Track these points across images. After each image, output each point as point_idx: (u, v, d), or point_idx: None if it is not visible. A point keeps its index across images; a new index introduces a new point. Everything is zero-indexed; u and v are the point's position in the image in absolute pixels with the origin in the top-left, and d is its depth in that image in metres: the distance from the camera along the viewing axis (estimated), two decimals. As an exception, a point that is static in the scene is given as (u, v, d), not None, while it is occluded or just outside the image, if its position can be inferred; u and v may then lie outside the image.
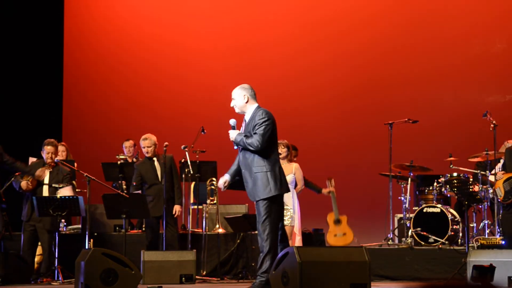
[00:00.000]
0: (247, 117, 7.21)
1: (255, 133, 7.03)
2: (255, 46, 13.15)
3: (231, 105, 7.25)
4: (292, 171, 9.41)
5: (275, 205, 7.06)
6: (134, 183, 9.69)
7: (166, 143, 9.46)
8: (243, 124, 7.26)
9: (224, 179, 7.28)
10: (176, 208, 9.54)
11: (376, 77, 12.81)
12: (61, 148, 10.38)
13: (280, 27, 13.12)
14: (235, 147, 7.20)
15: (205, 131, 9.63)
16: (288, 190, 7.24)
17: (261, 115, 7.09)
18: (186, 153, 9.60)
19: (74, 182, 10.57)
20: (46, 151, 9.44)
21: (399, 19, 12.85)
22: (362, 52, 12.86)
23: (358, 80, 12.84)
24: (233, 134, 7.13)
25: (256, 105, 7.21)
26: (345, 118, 12.79)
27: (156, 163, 9.64)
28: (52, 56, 13.10)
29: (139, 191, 9.61)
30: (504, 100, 12.52)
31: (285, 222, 9.27)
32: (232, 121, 7.20)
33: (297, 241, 9.35)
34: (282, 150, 9.37)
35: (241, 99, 7.19)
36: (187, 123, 11.99)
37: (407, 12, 12.87)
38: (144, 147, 9.68)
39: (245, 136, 7.06)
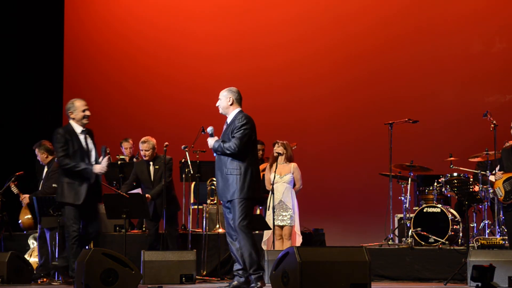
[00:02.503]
0: (228, 120, 7.37)
1: (233, 137, 7.18)
2: (255, 47, 13.16)
3: (216, 104, 7.42)
4: (290, 171, 9.42)
5: (249, 205, 7.23)
6: (126, 182, 9.78)
7: (166, 143, 9.47)
8: (224, 127, 7.39)
9: None
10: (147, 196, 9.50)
11: (376, 77, 12.82)
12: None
13: (279, 31, 13.13)
14: (214, 154, 7.34)
15: (205, 131, 9.62)
16: (258, 195, 7.39)
17: (240, 119, 7.23)
18: (186, 153, 9.60)
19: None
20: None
21: (399, 20, 12.86)
22: (362, 53, 12.87)
23: (358, 80, 12.85)
24: (211, 142, 7.29)
25: (239, 109, 7.36)
26: (345, 118, 12.80)
27: (151, 167, 9.67)
28: (52, 55, 13.11)
29: (138, 189, 9.63)
30: (504, 100, 12.52)
31: (285, 223, 9.31)
32: (210, 129, 7.37)
33: (298, 241, 9.35)
34: (280, 150, 9.40)
35: (225, 101, 7.36)
36: (187, 123, 11.99)
37: (408, 12, 12.88)
38: (142, 150, 9.70)
39: (222, 141, 7.21)
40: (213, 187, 10.06)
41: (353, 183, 12.47)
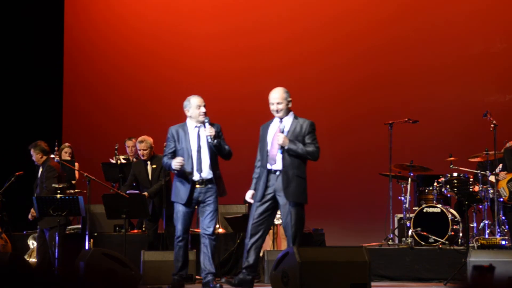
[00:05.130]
0: (287, 123, 7.22)
1: (311, 143, 7.18)
2: (255, 48, 13.16)
3: (274, 107, 7.22)
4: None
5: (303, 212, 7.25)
6: (126, 184, 9.77)
7: (165, 143, 9.45)
8: (275, 127, 7.23)
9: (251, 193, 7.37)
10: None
11: (376, 77, 12.81)
12: (67, 150, 10.51)
13: (279, 30, 13.12)
14: (280, 151, 7.14)
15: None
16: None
17: (312, 125, 7.25)
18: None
19: (73, 182, 10.60)
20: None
21: (399, 19, 12.84)
22: (362, 52, 12.86)
23: (358, 80, 12.84)
24: (285, 141, 7.10)
25: (292, 112, 7.31)
26: (344, 119, 12.79)
27: (149, 167, 9.66)
28: (52, 56, 13.11)
29: (137, 191, 9.63)
30: (504, 100, 12.51)
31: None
32: (283, 126, 7.19)
33: (297, 241, 9.34)
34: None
35: (285, 104, 7.25)
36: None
37: (408, 12, 12.87)
38: (140, 150, 9.70)
39: (302, 144, 7.14)
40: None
41: (353, 183, 12.46)
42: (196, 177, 7.49)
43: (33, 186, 9.58)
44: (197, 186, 7.50)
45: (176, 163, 7.46)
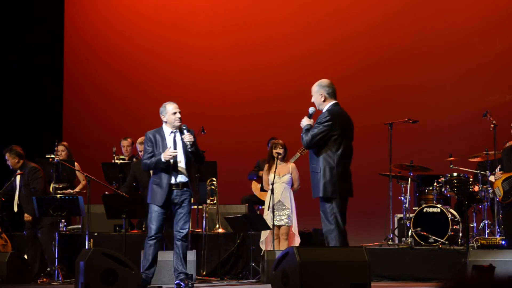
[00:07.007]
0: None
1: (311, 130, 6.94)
2: (256, 45, 13.16)
3: (312, 100, 7.15)
4: (289, 171, 9.45)
5: (335, 205, 7.14)
6: (125, 184, 9.77)
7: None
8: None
9: None
10: None
11: (376, 76, 12.81)
12: (60, 147, 10.42)
13: (277, 32, 13.13)
14: None
15: (205, 131, 9.63)
16: (350, 195, 7.22)
17: (324, 114, 7.00)
18: (186, 153, 9.59)
19: (78, 187, 10.60)
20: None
21: (399, 19, 12.85)
22: (362, 52, 12.87)
23: (357, 80, 12.84)
24: (304, 122, 7.02)
25: (332, 102, 7.11)
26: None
27: None
28: (52, 55, 13.12)
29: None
30: (504, 100, 12.51)
31: (283, 222, 9.31)
32: (311, 109, 7.07)
33: (296, 241, 9.35)
34: (280, 150, 9.41)
35: (318, 97, 7.10)
36: (188, 123, 11.97)
37: (408, 12, 12.87)
38: (140, 151, 9.70)
39: (306, 129, 6.96)
40: (213, 187, 10.05)
41: (353, 183, 12.42)
42: (172, 180, 7.64)
43: (5, 191, 9.55)
44: (174, 189, 7.64)
45: (168, 155, 7.54)
